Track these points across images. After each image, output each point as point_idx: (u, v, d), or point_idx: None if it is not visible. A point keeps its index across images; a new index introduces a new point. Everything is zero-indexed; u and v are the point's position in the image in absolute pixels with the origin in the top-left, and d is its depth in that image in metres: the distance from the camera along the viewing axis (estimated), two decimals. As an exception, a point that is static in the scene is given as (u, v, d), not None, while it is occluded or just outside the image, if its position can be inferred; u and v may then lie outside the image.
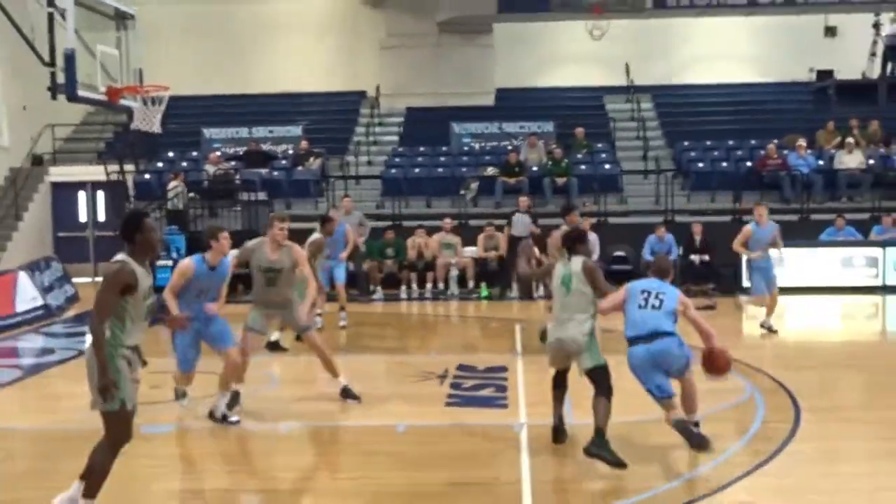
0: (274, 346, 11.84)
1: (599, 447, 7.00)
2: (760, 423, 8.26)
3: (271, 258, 8.75)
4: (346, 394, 9.12)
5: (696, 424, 7.41)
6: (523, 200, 18.39)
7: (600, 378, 7.34)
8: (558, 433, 7.70)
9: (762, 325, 13.11)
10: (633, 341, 7.37)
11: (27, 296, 15.36)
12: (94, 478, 5.61)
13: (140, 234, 5.63)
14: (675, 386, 7.30)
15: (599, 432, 7.08)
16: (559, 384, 7.77)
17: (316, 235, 12.78)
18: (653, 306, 7.36)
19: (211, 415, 8.37)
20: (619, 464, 6.94)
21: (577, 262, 7.57)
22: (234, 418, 8.38)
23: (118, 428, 5.59)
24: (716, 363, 7.37)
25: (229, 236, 8.47)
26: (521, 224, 17.73)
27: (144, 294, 5.63)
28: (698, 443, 7.07)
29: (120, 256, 5.61)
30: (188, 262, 8.27)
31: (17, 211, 21.65)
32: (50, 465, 7.30)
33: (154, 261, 7.97)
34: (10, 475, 7.31)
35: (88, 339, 5.59)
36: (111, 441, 5.61)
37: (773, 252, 12.90)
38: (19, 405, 9.85)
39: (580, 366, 7.46)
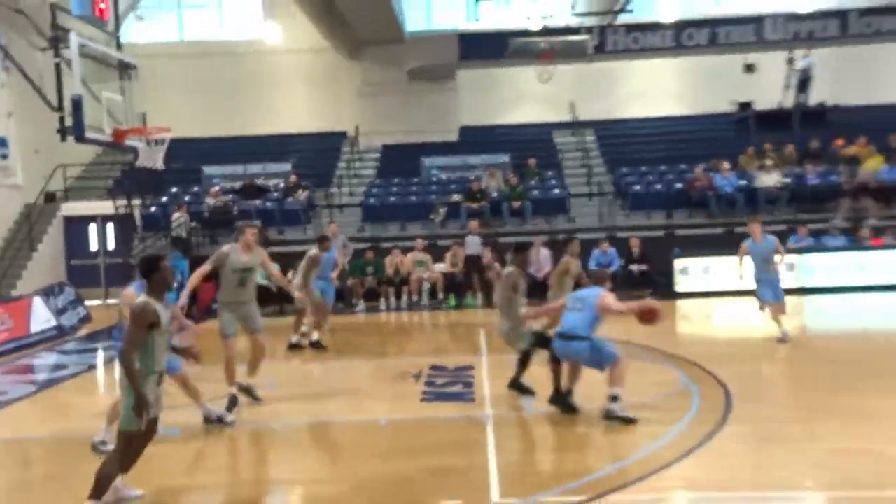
0: (316, 345, 12.56)
1: (556, 399, 8.18)
2: (696, 409, 8.22)
3: (244, 259, 8.84)
4: (249, 392, 9.02)
5: (615, 398, 7.72)
6: (473, 224, 18.75)
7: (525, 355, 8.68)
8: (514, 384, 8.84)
9: (779, 340, 11.77)
10: (556, 335, 8.20)
11: (41, 318, 15.15)
12: (100, 483, 5.61)
13: (157, 273, 5.85)
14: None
15: (556, 389, 8.19)
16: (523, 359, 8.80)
17: (313, 251, 13.03)
18: (577, 309, 7.98)
19: (206, 419, 8.14)
20: (571, 410, 7.99)
21: (507, 270, 8.88)
22: (229, 419, 8.19)
23: (129, 447, 5.67)
24: (647, 318, 7.87)
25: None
26: (473, 244, 18.00)
27: (165, 327, 5.78)
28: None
29: (142, 297, 5.78)
30: (132, 293, 7.51)
31: (31, 243, 21.32)
32: (66, 470, 7.16)
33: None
34: (32, 480, 7.19)
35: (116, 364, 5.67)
36: (121, 458, 5.69)
37: (776, 259, 12.12)
38: (35, 416, 9.60)
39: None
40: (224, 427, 8.08)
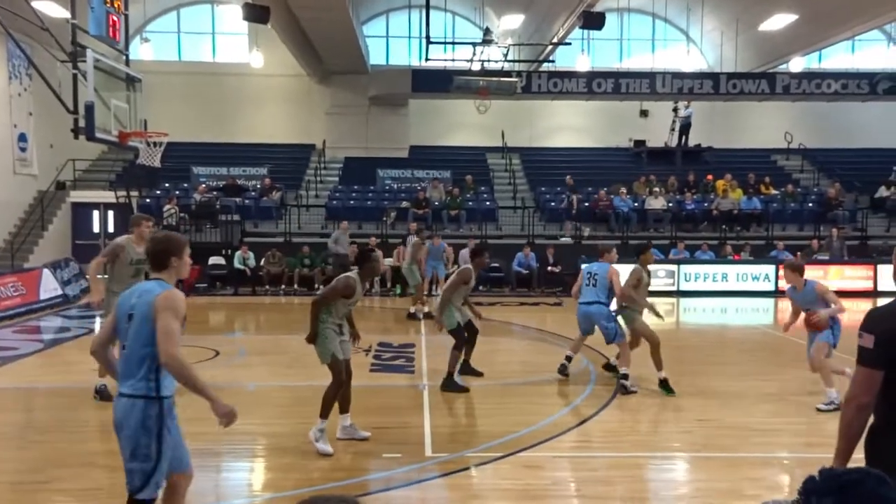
0: (412, 316, 12.99)
1: (448, 384, 7.98)
2: (593, 386, 8.40)
3: (139, 251, 7.42)
4: None
5: (626, 376, 8.09)
6: (413, 226, 18.56)
7: (454, 335, 8.20)
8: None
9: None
10: (580, 304, 8.52)
11: (49, 286, 14.72)
12: (325, 405, 6.04)
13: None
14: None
15: (449, 374, 8.06)
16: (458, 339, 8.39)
17: (416, 239, 13.99)
18: (592, 284, 8.34)
19: None
20: (463, 390, 7.93)
21: (464, 266, 8.83)
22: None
23: (335, 371, 6.03)
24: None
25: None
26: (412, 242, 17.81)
27: (354, 301, 6.09)
28: (623, 391, 7.92)
29: (352, 273, 6.06)
30: None
31: (43, 223, 20.65)
32: (65, 414, 7.03)
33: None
34: (37, 422, 7.06)
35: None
36: (334, 380, 6.06)
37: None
38: (41, 370, 9.33)
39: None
40: None
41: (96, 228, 21.99)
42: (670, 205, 21.17)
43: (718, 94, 23.07)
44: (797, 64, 23.41)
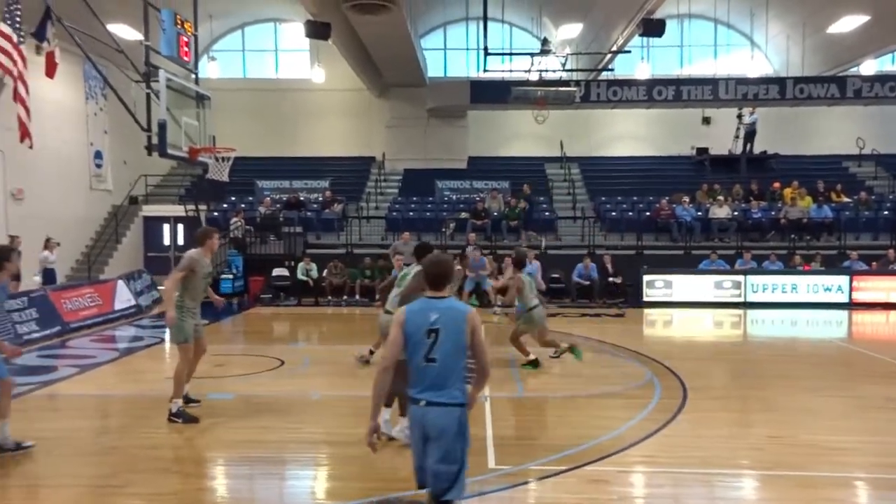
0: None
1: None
2: (658, 399, 8.22)
3: (207, 263, 7.39)
4: (188, 399, 7.54)
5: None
6: (472, 237, 18.63)
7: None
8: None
9: None
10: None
11: (123, 297, 15.24)
12: (400, 401, 6.07)
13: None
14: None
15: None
16: None
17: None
18: None
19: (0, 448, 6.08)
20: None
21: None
22: (28, 443, 6.20)
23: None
24: None
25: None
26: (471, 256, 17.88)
27: None
28: None
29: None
30: None
31: (117, 237, 21.52)
32: (138, 421, 7.21)
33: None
34: (112, 427, 7.28)
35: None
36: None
37: None
38: (116, 378, 9.65)
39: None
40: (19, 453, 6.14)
41: (167, 241, 22.80)
42: (735, 213, 20.61)
43: (785, 99, 22.42)
44: (869, 67, 22.54)
